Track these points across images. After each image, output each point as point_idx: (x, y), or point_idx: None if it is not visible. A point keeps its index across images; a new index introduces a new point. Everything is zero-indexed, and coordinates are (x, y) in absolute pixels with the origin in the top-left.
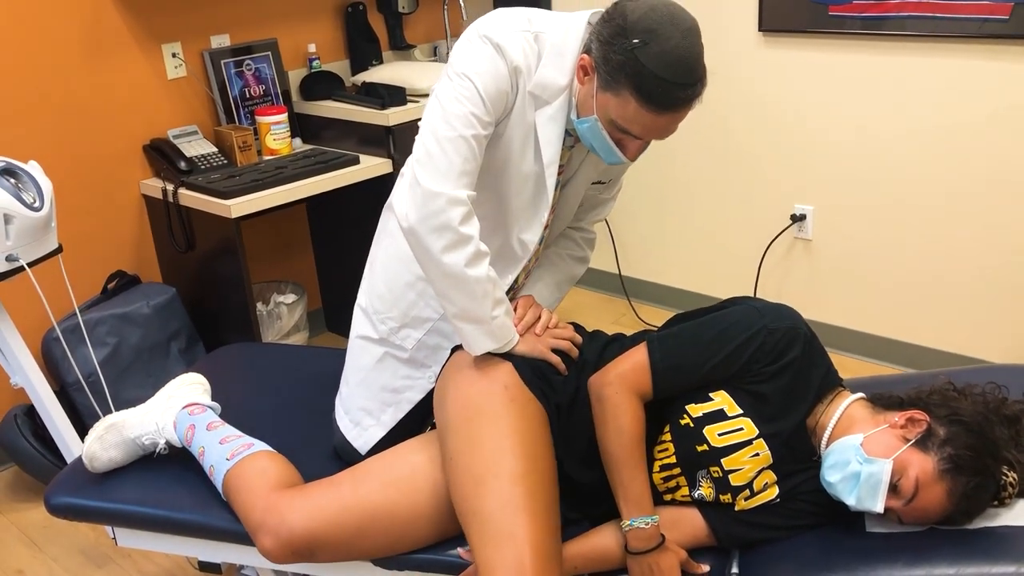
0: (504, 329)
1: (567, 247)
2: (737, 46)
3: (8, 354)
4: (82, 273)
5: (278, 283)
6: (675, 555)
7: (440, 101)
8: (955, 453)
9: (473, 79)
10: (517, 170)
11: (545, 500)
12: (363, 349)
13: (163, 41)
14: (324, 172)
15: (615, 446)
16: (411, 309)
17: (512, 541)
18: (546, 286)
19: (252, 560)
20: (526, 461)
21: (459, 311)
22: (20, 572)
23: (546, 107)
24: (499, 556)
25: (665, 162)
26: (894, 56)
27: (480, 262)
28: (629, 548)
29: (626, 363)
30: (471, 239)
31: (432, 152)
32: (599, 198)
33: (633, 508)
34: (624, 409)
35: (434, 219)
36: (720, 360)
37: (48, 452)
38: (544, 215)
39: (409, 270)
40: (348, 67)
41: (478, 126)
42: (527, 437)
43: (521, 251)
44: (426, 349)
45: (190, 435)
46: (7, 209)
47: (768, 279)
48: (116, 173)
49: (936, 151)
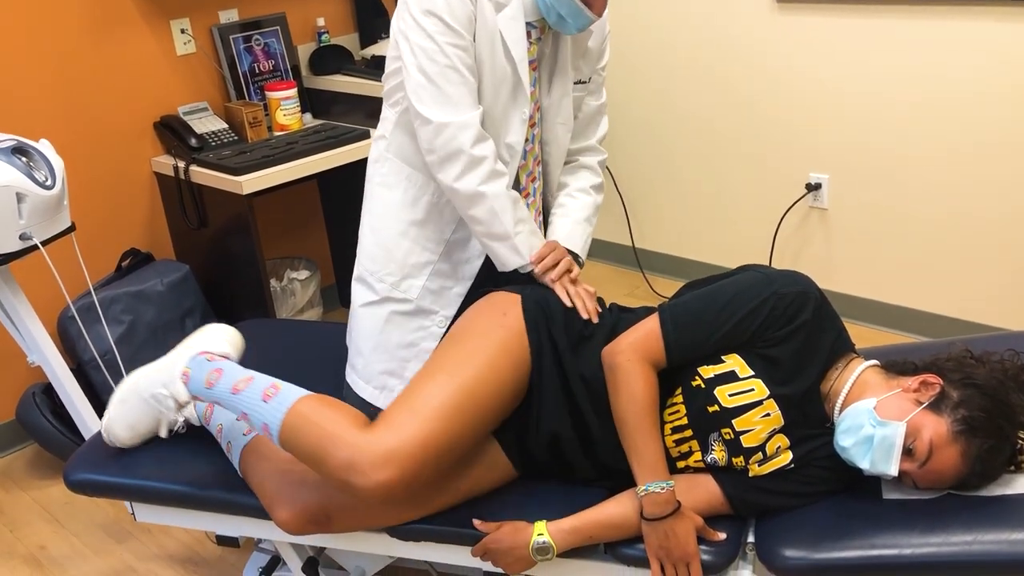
0: (527, 245)
1: (583, 178)
2: (752, 13)
3: (25, 333)
4: (96, 251)
5: (291, 259)
6: (691, 521)
7: (414, 42)
8: (969, 415)
9: (436, 12)
10: (491, 75)
11: (468, 422)
12: (367, 315)
13: (172, 17)
14: (335, 147)
15: (628, 413)
16: (408, 257)
17: (419, 419)
18: (575, 224)
19: (270, 534)
20: (478, 384)
21: (484, 230)
22: (43, 548)
23: (505, 8)
24: (400, 420)
25: (678, 131)
26: (911, 21)
27: (495, 180)
28: (645, 514)
29: (638, 332)
30: (484, 159)
31: (427, 89)
32: (590, 106)
33: (648, 473)
34: (636, 376)
35: (446, 147)
36: (731, 327)
37: (66, 429)
38: (525, 112)
39: (398, 219)
40: (357, 40)
41: (459, 51)
42: (495, 364)
43: (509, 155)
44: (430, 295)
45: (209, 413)
46: (19, 188)
47: (783, 249)
48: (127, 151)
49: (954, 118)
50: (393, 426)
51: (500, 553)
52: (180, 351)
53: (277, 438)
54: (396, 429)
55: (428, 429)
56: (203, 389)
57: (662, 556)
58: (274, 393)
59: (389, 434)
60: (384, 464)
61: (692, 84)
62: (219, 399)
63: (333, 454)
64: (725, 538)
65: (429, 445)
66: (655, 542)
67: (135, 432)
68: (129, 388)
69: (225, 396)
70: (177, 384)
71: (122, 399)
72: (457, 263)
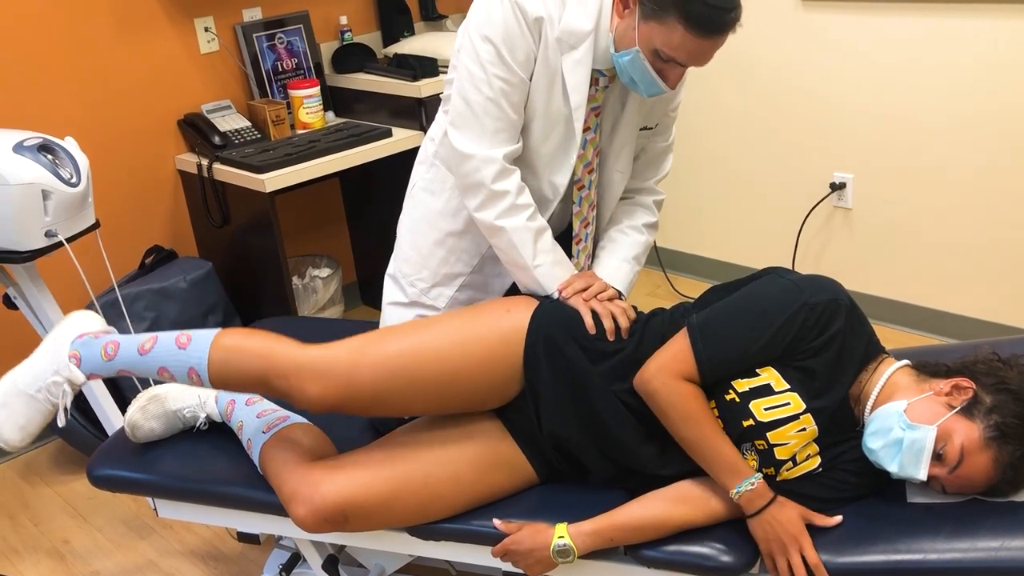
0: (549, 277)
1: (637, 216)
2: (777, 11)
3: (50, 328)
4: (119, 248)
5: (313, 257)
6: (794, 507)
7: (466, 65)
8: (1002, 421)
9: (493, 41)
10: (544, 115)
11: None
12: (394, 314)
13: (195, 15)
14: (357, 145)
15: (689, 431)
16: (441, 267)
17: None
18: (622, 261)
19: (290, 531)
20: (437, 353)
21: (506, 258)
22: (66, 542)
23: (572, 52)
24: (340, 344)
25: (701, 131)
26: (936, 19)
27: (515, 214)
28: (747, 511)
29: (666, 353)
30: (505, 194)
31: (464, 116)
32: (654, 148)
33: (733, 476)
34: (679, 395)
35: (468, 179)
36: (765, 343)
37: (90, 424)
38: (573, 158)
39: (437, 227)
40: (379, 39)
41: (503, 85)
42: (467, 345)
43: (552, 193)
44: (458, 305)
45: (230, 410)
46: (45, 185)
47: (807, 249)
48: (151, 148)
49: (979, 118)
50: (331, 347)
51: (520, 554)
52: (52, 342)
53: (207, 377)
54: (331, 347)
55: (356, 366)
56: (102, 364)
57: (773, 548)
58: (187, 339)
59: (319, 354)
60: (313, 380)
61: (716, 83)
62: (126, 366)
63: (274, 373)
64: (841, 520)
65: (352, 381)
66: (762, 534)
67: (26, 432)
68: (7, 391)
69: (133, 359)
70: (70, 368)
71: (2, 404)
72: (489, 276)
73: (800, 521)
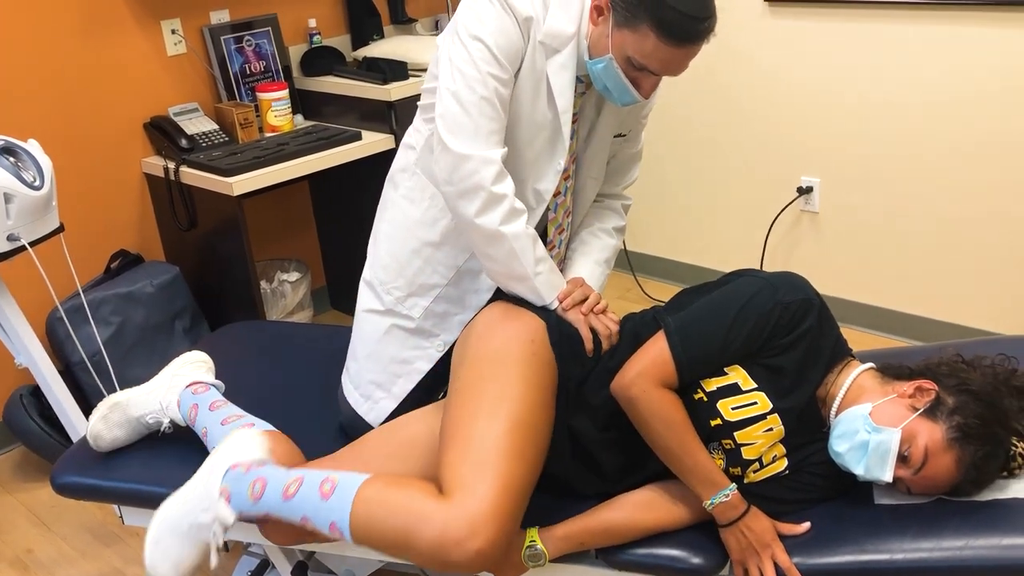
0: (548, 286)
1: (607, 219)
2: (743, 16)
3: (12, 334)
4: (84, 252)
5: (282, 261)
6: (765, 518)
7: (456, 65)
8: (964, 422)
9: (485, 40)
10: (530, 120)
11: (533, 453)
12: (369, 322)
13: (162, 17)
14: (326, 148)
15: (668, 440)
16: (417, 276)
17: (491, 471)
18: (595, 264)
19: (258, 538)
20: (528, 412)
21: (503, 270)
22: (30, 551)
23: (556, 55)
24: (473, 477)
25: (669, 135)
26: (901, 25)
27: (515, 219)
28: (720, 521)
29: (645, 359)
30: (505, 197)
31: (458, 117)
32: (625, 154)
33: (708, 487)
34: (659, 402)
35: (466, 181)
36: (740, 344)
37: (54, 432)
38: (560, 163)
39: (415, 236)
40: (349, 42)
41: (498, 85)
42: (536, 391)
43: (536, 201)
44: (433, 317)
45: (193, 414)
46: (7, 188)
47: (775, 252)
48: (117, 151)
49: (945, 122)
50: (467, 487)
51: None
52: (208, 473)
53: (349, 535)
54: (472, 490)
55: (502, 478)
56: (250, 505)
57: (745, 557)
58: (332, 487)
59: (468, 498)
60: (476, 532)
61: (682, 87)
62: (272, 510)
63: (419, 537)
64: (808, 527)
65: (511, 493)
66: (735, 544)
67: (180, 570)
68: (162, 527)
69: (278, 504)
70: (219, 507)
71: (156, 540)
72: (465, 291)
73: (773, 530)
